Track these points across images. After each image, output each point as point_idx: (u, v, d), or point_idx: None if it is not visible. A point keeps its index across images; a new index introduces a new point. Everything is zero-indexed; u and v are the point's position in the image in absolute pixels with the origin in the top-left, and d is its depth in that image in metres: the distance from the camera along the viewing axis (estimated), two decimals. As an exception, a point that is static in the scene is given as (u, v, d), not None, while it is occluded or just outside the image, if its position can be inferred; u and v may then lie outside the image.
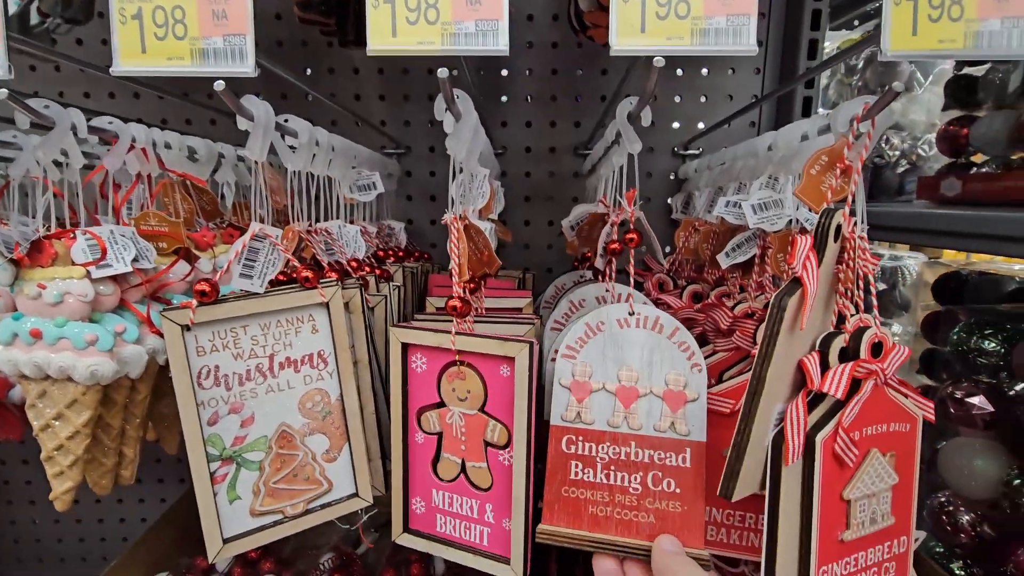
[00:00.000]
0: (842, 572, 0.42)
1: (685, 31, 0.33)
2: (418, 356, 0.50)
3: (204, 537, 0.45)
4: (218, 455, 0.46)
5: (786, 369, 0.41)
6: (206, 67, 0.34)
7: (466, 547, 0.51)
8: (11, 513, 1.07)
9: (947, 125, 1.02)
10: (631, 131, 0.48)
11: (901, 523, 0.45)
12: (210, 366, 0.45)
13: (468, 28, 0.34)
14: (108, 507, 1.07)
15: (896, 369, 0.42)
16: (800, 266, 0.38)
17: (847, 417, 0.40)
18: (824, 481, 0.40)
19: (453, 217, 0.46)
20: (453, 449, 0.50)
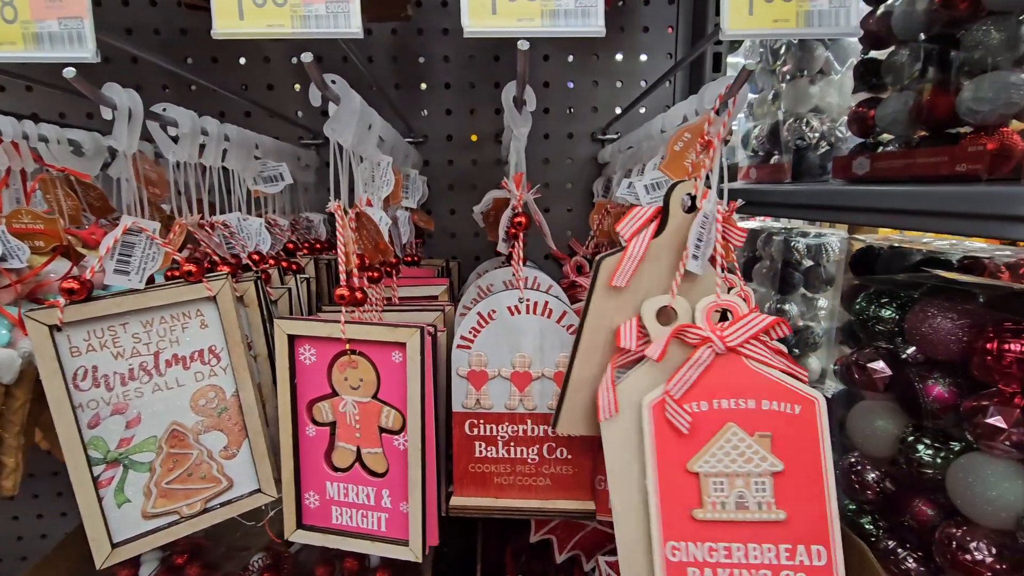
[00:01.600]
0: (705, 556, 0.40)
1: (536, 12, 0.34)
2: (306, 347, 0.49)
3: (90, 544, 0.44)
4: (102, 458, 0.45)
5: (614, 322, 0.42)
6: (42, 52, 0.33)
7: (364, 535, 0.51)
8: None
9: (856, 107, 1.07)
10: (517, 115, 0.48)
11: (804, 525, 0.40)
12: (87, 367, 0.43)
13: (319, 10, 0.33)
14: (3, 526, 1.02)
15: (748, 339, 0.42)
16: (629, 231, 0.39)
17: (676, 383, 0.40)
18: (660, 449, 0.40)
19: (336, 205, 0.46)
20: (347, 437, 0.50)
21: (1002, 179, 0.65)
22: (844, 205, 0.83)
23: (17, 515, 1.00)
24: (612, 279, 0.39)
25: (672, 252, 0.41)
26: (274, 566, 0.82)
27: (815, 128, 1.53)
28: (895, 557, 0.82)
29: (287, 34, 0.33)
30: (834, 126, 1.57)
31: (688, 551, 0.39)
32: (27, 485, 0.99)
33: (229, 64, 0.89)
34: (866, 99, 1.10)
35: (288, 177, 0.69)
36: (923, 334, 0.74)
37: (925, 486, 0.77)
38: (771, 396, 0.42)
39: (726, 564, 0.39)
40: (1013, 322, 0.65)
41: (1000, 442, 0.65)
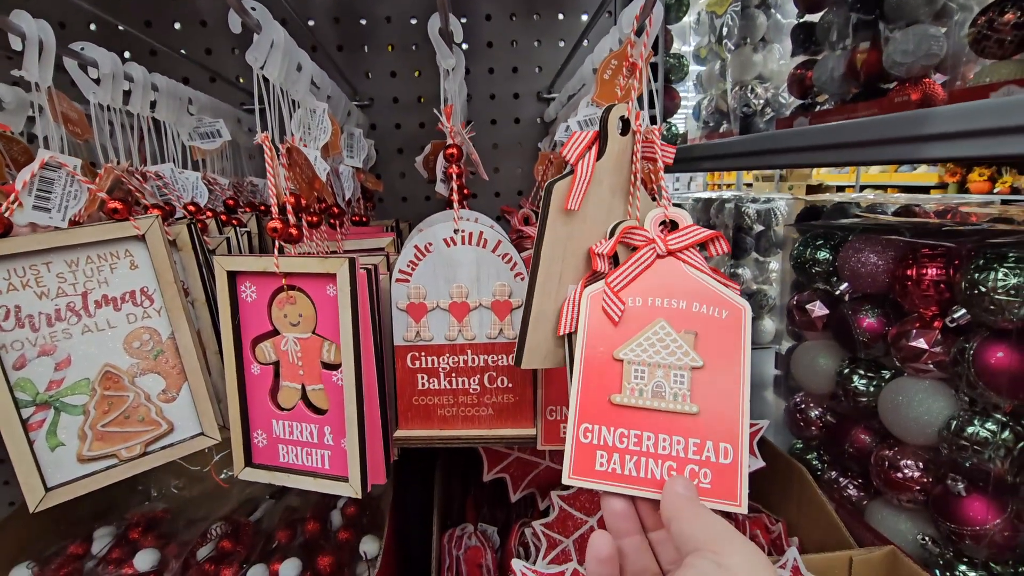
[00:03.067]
0: (614, 443, 0.40)
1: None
2: (247, 285, 0.49)
3: (22, 488, 0.43)
4: (31, 400, 0.44)
5: (569, 251, 0.43)
6: None
7: (308, 472, 0.51)
8: None
9: (794, 69, 1.11)
10: (443, 45, 0.49)
11: (715, 423, 0.42)
12: (9, 306, 0.42)
13: None
14: None
15: (689, 245, 0.43)
16: (573, 154, 0.41)
17: (616, 275, 0.41)
18: (591, 334, 0.41)
19: (264, 136, 0.45)
20: (291, 376, 0.50)
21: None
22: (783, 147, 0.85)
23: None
24: (566, 203, 0.40)
25: (612, 174, 0.43)
26: (233, 534, 0.81)
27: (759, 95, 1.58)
28: (838, 486, 0.86)
29: None
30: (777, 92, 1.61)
31: (600, 434, 0.40)
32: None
33: (163, 28, 0.87)
34: (803, 62, 1.14)
35: (226, 133, 0.68)
36: (853, 268, 0.78)
37: (861, 414, 0.81)
38: (701, 300, 0.43)
39: (634, 451, 0.40)
40: (930, 249, 0.69)
41: (923, 362, 0.69)
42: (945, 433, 0.66)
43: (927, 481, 0.70)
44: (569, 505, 0.64)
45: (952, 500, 0.66)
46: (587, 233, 0.43)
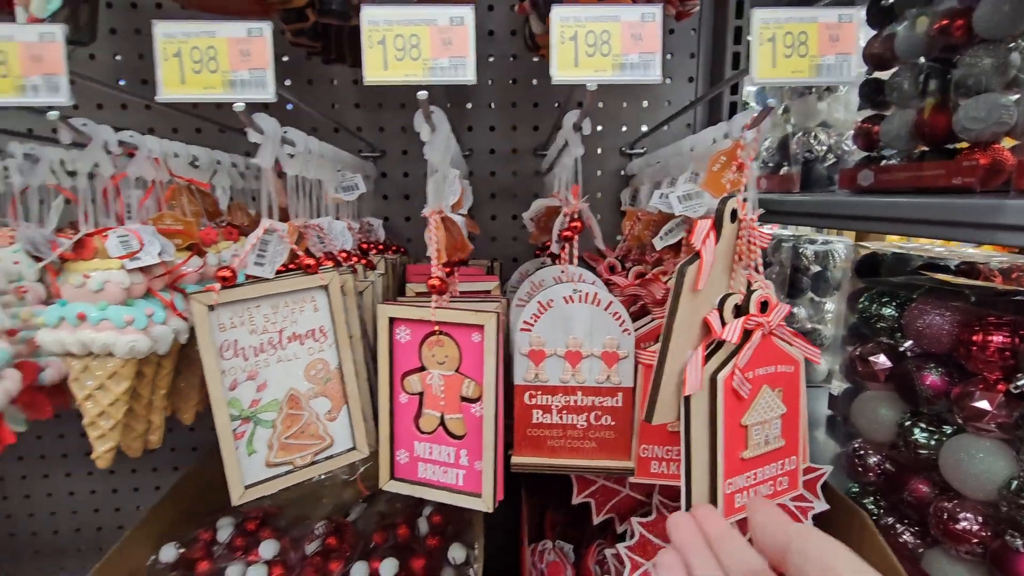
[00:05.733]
0: (744, 483, 0.54)
1: (608, 65, 0.44)
2: (402, 328, 0.60)
3: (228, 485, 0.54)
4: (238, 415, 0.55)
5: (692, 322, 0.52)
6: (235, 94, 0.43)
7: (444, 488, 0.61)
8: (7, 508, 1.12)
9: (861, 123, 1.16)
10: (576, 138, 0.59)
11: (790, 445, 0.57)
12: (230, 340, 0.54)
13: (443, 64, 0.44)
14: (104, 498, 1.13)
15: (779, 321, 0.54)
16: (699, 242, 0.50)
17: (741, 359, 0.52)
18: (727, 411, 0.52)
19: (431, 211, 0.56)
20: (433, 405, 0.60)
21: (994, 191, 0.74)
22: (851, 214, 0.92)
23: (116, 488, 1.11)
24: (696, 284, 0.49)
25: (722, 256, 0.51)
26: (337, 531, 0.92)
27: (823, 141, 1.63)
28: (894, 531, 0.91)
29: (418, 82, 0.44)
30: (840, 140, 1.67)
31: (737, 483, 0.52)
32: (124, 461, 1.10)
33: (300, 85, 1.00)
34: (871, 116, 1.20)
35: (363, 186, 0.79)
36: (919, 329, 0.84)
37: (921, 466, 0.86)
38: (783, 361, 0.56)
39: (753, 484, 0.54)
40: (996, 317, 0.74)
41: (985, 423, 0.74)
42: (1005, 492, 0.71)
43: (986, 535, 0.75)
44: (649, 532, 0.72)
45: (1010, 555, 0.71)
46: (703, 304, 0.52)
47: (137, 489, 1.12)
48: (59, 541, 1.15)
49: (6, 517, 1.12)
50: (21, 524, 1.13)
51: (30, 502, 1.12)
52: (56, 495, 1.12)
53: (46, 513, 1.13)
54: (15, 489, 1.11)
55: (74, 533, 1.14)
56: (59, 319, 0.51)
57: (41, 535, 1.14)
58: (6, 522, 1.13)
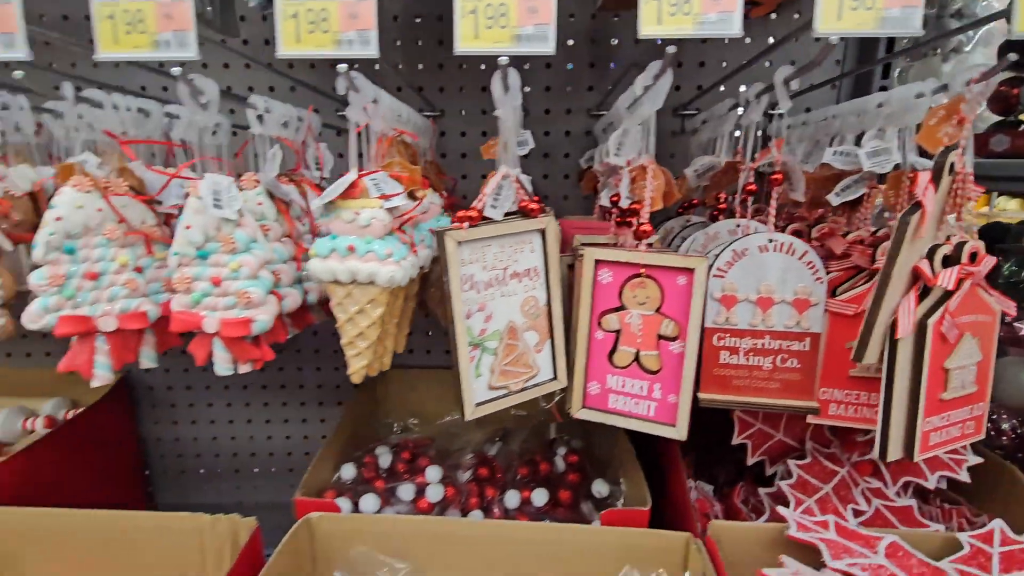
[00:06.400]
0: (939, 423, 0.58)
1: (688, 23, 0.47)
2: (605, 270, 0.65)
3: (462, 401, 0.62)
4: (470, 342, 0.62)
5: (905, 270, 0.56)
6: (341, 52, 0.49)
7: (635, 417, 0.67)
8: (175, 431, 1.26)
9: (999, 85, 1.13)
10: (784, 92, 0.61)
11: (980, 392, 0.61)
12: (467, 274, 0.60)
13: (528, 31, 0.48)
14: (277, 427, 1.26)
15: (985, 273, 0.56)
16: (921, 193, 0.52)
17: (952, 305, 0.55)
18: (932, 354, 0.56)
19: (649, 160, 0.60)
20: (629, 342, 0.66)
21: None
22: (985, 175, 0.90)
23: (287, 418, 1.24)
24: (919, 232, 0.53)
25: (936, 207, 0.54)
26: (484, 462, 1.01)
27: (943, 106, 1.56)
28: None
29: (505, 51, 0.49)
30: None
31: (933, 423, 0.56)
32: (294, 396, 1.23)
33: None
34: (1010, 78, 1.15)
35: (531, 143, 0.84)
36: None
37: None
38: (983, 311, 0.59)
39: (946, 425, 0.59)
40: None
41: None
42: None
43: None
44: (806, 473, 0.77)
45: None
46: (915, 254, 0.55)
47: (305, 420, 1.24)
48: (217, 463, 1.29)
49: (174, 440, 1.27)
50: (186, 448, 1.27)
51: (195, 427, 1.26)
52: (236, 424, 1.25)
53: (208, 438, 1.27)
54: (184, 416, 1.25)
55: (249, 457, 1.28)
56: (330, 250, 0.58)
57: (204, 458, 1.28)
58: (173, 445, 1.27)
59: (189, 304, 0.61)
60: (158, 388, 1.23)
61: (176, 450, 1.27)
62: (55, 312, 0.58)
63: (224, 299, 0.61)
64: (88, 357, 0.60)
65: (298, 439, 1.27)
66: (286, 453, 1.28)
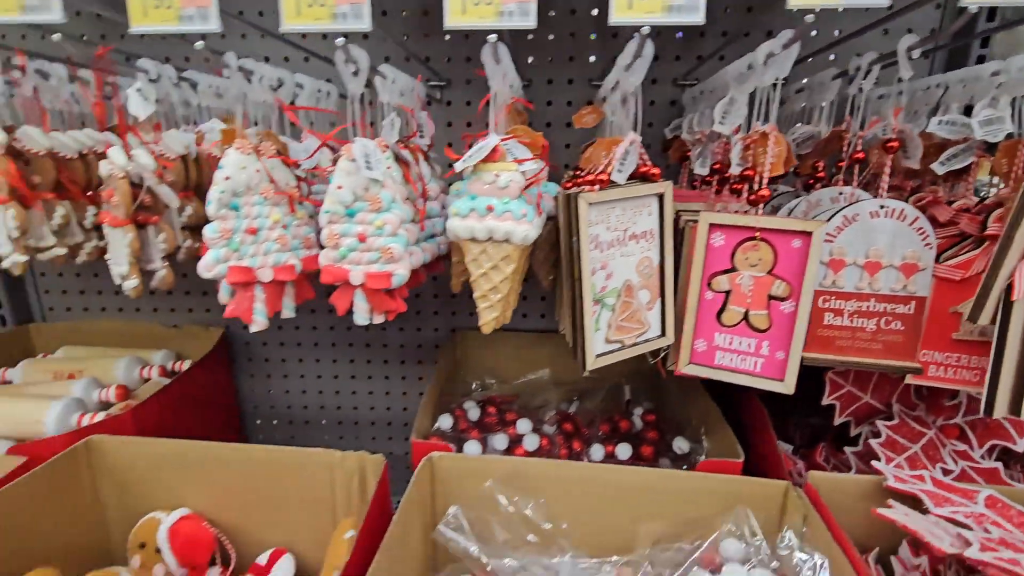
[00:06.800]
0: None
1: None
2: (718, 234, 0.68)
3: (584, 352, 0.67)
4: (592, 298, 0.67)
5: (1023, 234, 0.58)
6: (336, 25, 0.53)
7: (742, 373, 0.71)
8: (267, 385, 1.36)
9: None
10: (906, 62, 0.63)
11: None
12: (593, 235, 0.65)
13: (511, 8, 0.50)
14: (341, 383, 1.34)
15: None
16: None
17: None
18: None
19: (771, 127, 0.63)
20: (739, 302, 0.70)
21: None
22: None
23: (371, 375, 1.32)
24: None
25: None
26: (566, 417, 1.06)
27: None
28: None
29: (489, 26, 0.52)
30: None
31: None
32: (378, 353, 1.31)
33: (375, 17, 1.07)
34: None
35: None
36: None
37: None
38: None
39: None
40: None
41: None
42: None
43: None
44: (894, 433, 0.80)
45: None
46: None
47: (387, 378, 1.32)
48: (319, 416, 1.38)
49: (267, 391, 1.36)
50: (279, 401, 1.37)
51: (287, 381, 1.35)
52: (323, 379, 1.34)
53: (298, 392, 1.36)
54: (277, 370, 1.34)
55: (335, 411, 1.37)
56: (470, 210, 0.63)
57: (293, 409, 1.38)
58: (267, 396, 1.37)
59: (336, 258, 0.67)
60: (253, 344, 1.32)
61: (268, 402, 1.37)
62: (224, 263, 0.65)
63: (368, 254, 0.66)
64: (249, 305, 0.67)
65: (380, 395, 1.35)
66: (368, 408, 1.36)
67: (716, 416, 0.91)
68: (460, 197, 0.65)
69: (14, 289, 1.28)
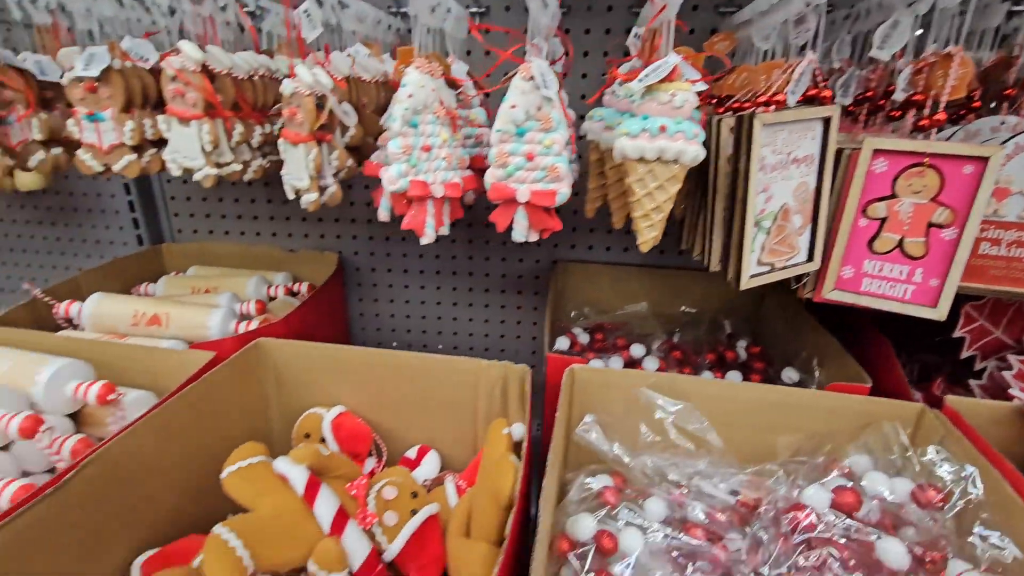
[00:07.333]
0: None
1: None
2: (880, 160, 0.69)
3: (740, 272, 0.69)
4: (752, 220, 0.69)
5: None
6: None
7: (888, 299, 0.73)
8: (375, 308, 1.44)
9: None
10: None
11: None
12: (760, 156, 0.66)
13: None
14: (444, 310, 1.41)
15: None
16: None
17: None
18: None
19: (957, 48, 0.62)
20: (895, 229, 0.71)
21: None
22: None
23: (471, 302, 1.39)
24: None
25: None
26: (674, 348, 1.10)
27: None
28: None
29: None
30: None
31: None
32: (479, 283, 1.36)
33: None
34: None
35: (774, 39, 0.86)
36: None
37: None
38: None
39: None
40: None
41: None
42: None
43: None
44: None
45: None
46: None
47: (487, 306, 1.39)
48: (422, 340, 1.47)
49: (375, 315, 1.45)
50: (383, 322, 1.45)
51: (392, 305, 1.43)
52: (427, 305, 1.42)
53: (403, 316, 1.44)
54: (384, 294, 1.42)
55: (436, 335, 1.46)
56: (641, 130, 0.65)
57: (397, 331, 1.46)
58: (374, 319, 1.45)
59: (503, 176, 0.71)
60: (363, 271, 1.40)
61: (374, 325, 1.46)
62: (406, 177, 0.69)
63: (534, 172, 0.70)
64: (422, 219, 0.72)
65: (479, 323, 1.42)
66: (467, 334, 1.44)
67: (835, 347, 0.93)
68: (631, 117, 0.67)
69: (149, 212, 1.38)
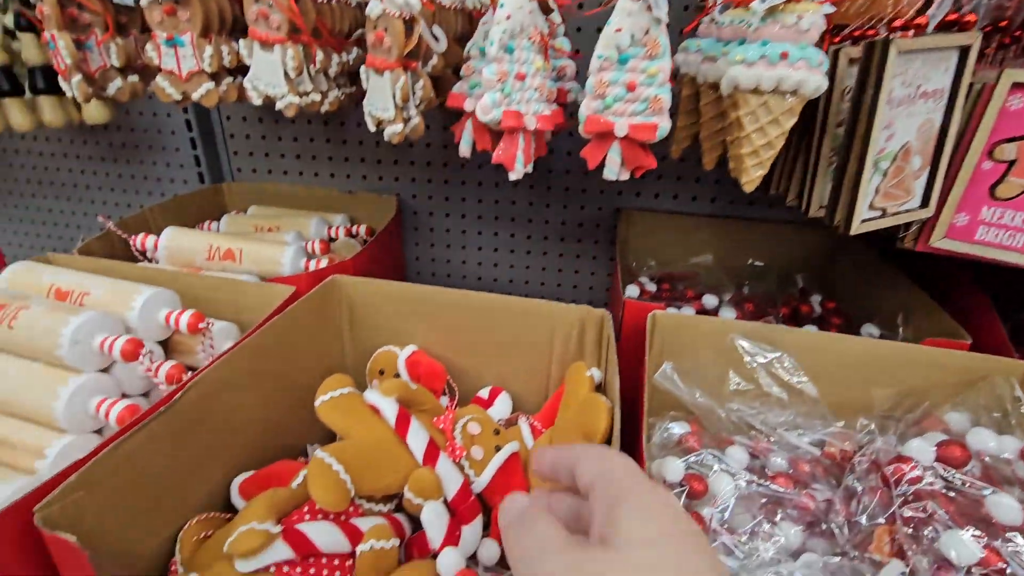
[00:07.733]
0: None
1: None
2: (1018, 96, 0.63)
3: (852, 215, 0.65)
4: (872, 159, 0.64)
5: None
6: None
7: (1007, 249, 0.68)
8: (431, 253, 1.43)
9: None
10: None
11: None
12: (895, 85, 0.61)
13: None
14: (501, 256, 1.40)
15: None
16: None
17: None
18: None
19: None
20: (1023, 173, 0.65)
21: None
22: None
23: (530, 250, 1.37)
24: None
25: None
26: (747, 299, 1.07)
27: None
28: None
29: None
30: None
31: None
32: (538, 229, 1.34)
33: None
34: None
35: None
36: None
37: None
38: None
39: None
40: None
41: None
42: None
43: None
44: None
45: None
46: None
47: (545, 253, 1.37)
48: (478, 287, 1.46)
49: (430, 260, 1.44)
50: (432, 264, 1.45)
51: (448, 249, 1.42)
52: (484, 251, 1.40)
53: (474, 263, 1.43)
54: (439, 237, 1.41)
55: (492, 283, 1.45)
56: (760, 56, 0.60)
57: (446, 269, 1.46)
58: (429, 263, 1.45)
59: (600, 108, 0.67)
60: (421, 214, 1.38)
61: (430, 269, 1.46)
62: (499, 107, 0.66)
63: (634, 104, 0.66)
64: (513, 152, 0.69)
65: (536, 269, 1.40)
66: (523, 282, 1.42)
67: (925, 302, 0.89)
68: (748, 43, 0.62)
69: (210, 150, 1.37)
